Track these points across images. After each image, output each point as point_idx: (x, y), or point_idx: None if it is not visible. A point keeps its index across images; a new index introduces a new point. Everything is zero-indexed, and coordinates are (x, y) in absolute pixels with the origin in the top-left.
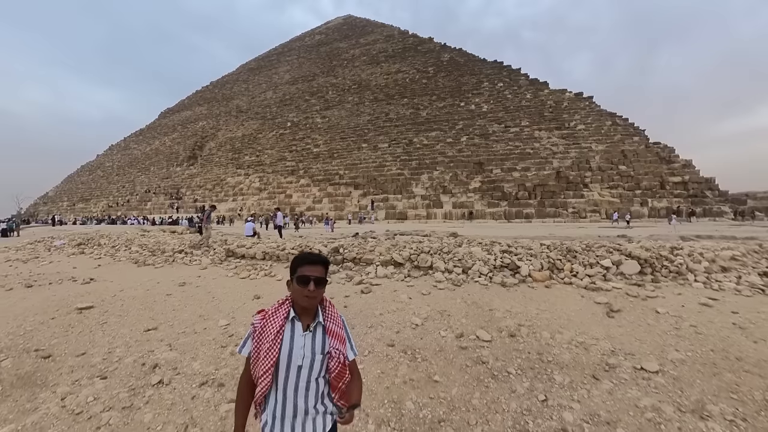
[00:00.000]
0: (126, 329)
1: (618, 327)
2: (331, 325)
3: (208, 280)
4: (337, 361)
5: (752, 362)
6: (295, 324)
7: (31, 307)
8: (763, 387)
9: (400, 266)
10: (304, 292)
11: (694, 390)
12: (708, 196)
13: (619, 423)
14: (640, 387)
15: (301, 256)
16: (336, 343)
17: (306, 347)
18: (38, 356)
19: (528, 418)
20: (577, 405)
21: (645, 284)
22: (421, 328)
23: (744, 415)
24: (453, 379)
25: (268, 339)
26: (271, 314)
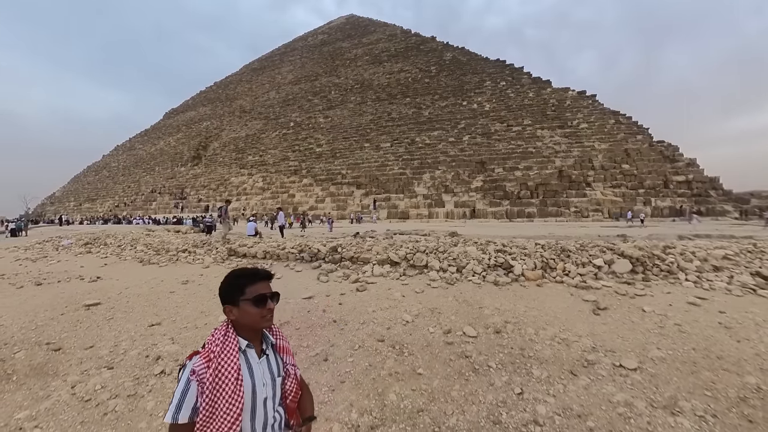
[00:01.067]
0: (131, 324)
1: (602, 324)
2: (280, 342)
3: (209, 278)
4: (294, 379)
5: (732, 361)
6: (248, 353)
7: (42, 303)
8: (739, 385)
9: (396, 265)
10: (263, 312)
11: (669, 387)
12: (712, 196)
13: (590, 416)
14: (616, 383)
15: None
16: (289, 359)
17: (266, 375)
18: (49, 349)
19: (502, 409)
20: (551, 399)
21: (635, 283)
22: (411, 324)
23: (715, 412)
24: (436, 372)
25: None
26: (219, 354)
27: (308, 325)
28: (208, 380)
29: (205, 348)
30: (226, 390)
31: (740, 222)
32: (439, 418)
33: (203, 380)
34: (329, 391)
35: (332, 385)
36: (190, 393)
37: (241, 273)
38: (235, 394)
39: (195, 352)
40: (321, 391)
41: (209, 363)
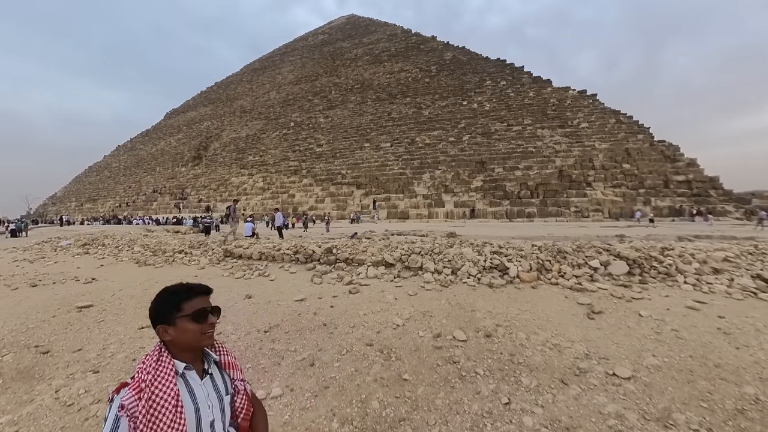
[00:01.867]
0: (121, 327)
1: (597, 329)
2: (224, 358)
3: (204, 280)
4: (244, 395)
5: (730, 369)
6: (187, 376)
7: (35, 305)
8: (737, 396)
9: (390, 267)
10: (205, 329)
11: (663, 398)
12: (712, 195)
13: (578, 429)
14: (609, 393)
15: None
16: (236, 374)
17: (210, 397)
18: (38, 351)
19: (487, 420)
20: (539, 410)
21: (632, 285)
22: (402, 328)
23: (710, 425)
24: (422, 379)
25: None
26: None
27: (297, 329)
28: (141, 413)
29: (135, 378)
30: (164, 421)
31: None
32: (420, 429)
33: (134, 414)
34: (312, 397)
35: (315, 391)
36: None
37: (176, 289)
38: (175, 423)
39: (123, 383)
40: (304, 396)
41: (140, 394)
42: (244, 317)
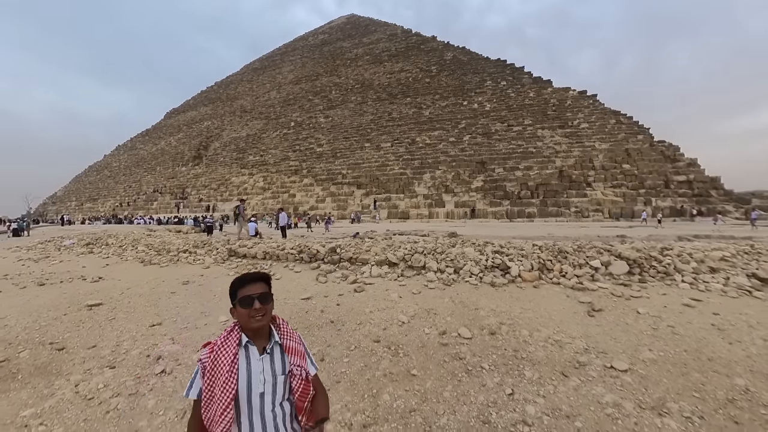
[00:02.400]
0: (132, 324)
1: (596, 326)
2: (288, 342)
3: (210, 279)
4: (300, 378)
5: (723, 363)
6: (249, 349)
7: (45, 304)
8: (728, 387)
9: (394, 266)
10: (251, 312)
11: (658, 388)
12: (713, 195)
13: (578, 417)
14: (606, 384)
15: (239, 279)
16: (296, 360)
17: (266, 371)
18: (53, 348)
19: (492, 409)
20: (541, 399)
21: (632, 284)
22: (407, 325)
23: (702, 413)
24: (429, 373)
25: (223, 373)
26: (220, 345)
27: (306, 326)
28: (208, 366)
29: (213, 341)
30: (219, 376)
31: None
32: (430, 418)
33: (205, 366)
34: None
35: (328, 386)
36: (198, 376)
37: (237, 278)
38: (228, 381)
39: (206, 343)
40: None
41: (211, 353)
42: None
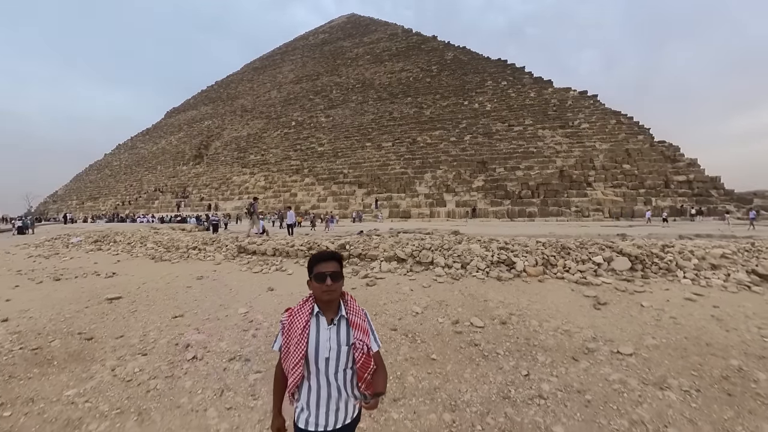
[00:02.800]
0: (155, 316)
1: (602, 318)
2: (353, 318)
3: (223, 274)
4: (361, 352)
5: (720, 347)
6: (319, 319)
7: (65, 297)
8: (723, 366)
9: (402, 262)
10: (322, 288)
11: (660, 368)
12: (713, 195)
13: (588, 392)
14: (613, 366)
15: (316, 255)
16: (359, 335)
17: (331, 339)
18: (82, 338)
19: (510, 387)
20: (554, 379)
21: (635, 280)
22: (421, 315)
23: (699, 387)
24: (448, 358)
25: (296, 335)
26: (296, 312)
27: None
28: (285, 327)
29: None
30: (293, 337)
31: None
32: (454, 395)
33: (284, 326)
34: None
35: None
36: (280, 333)
37: (314, 255)
38: (299, 342)
39: (288, 308)
40: None
41: (290, 317)
42: (270, 307)
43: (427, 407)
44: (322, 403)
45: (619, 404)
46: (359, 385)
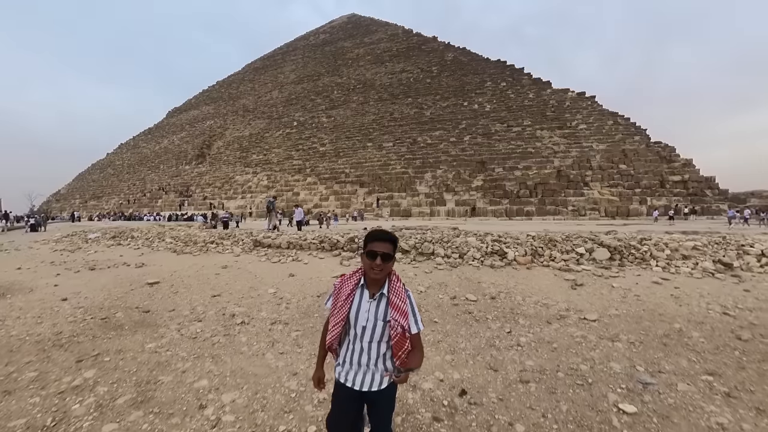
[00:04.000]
0: (196, 295)
1: (577, 295)
2: (394, 298)
3: (245, 264)
4: (396, 331)
5: (669, 316)
6: (363, 291)
7: (107, 282)
8: (667, 328)
9: (406, 253)
10: (372, 265)
11: (616, 329)
12: (708, 195)
13: (555, 342)
14: (579, 327)
15: (372, 233)
16: (396, 315)
17: (370, 312)
18: (140, 311)
19: (496, 340)
20: (530, 334)
21: (611, 267)
22: (425, 293)
23: (642, 341)
24: (447, 321)
25: (341, 298)
26: (347, 279)
27: None
28: (336, 290)
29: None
30: (339, 300)
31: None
32: (453, 344)
33: (335, 288)
34: None
35: None
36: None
37: (370, 231)
38: (342, 306)
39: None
40: None
41: (341, 282)
42: (295, 288)
43: (433, 352)
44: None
45: (577, 350)
46: (394, 360)
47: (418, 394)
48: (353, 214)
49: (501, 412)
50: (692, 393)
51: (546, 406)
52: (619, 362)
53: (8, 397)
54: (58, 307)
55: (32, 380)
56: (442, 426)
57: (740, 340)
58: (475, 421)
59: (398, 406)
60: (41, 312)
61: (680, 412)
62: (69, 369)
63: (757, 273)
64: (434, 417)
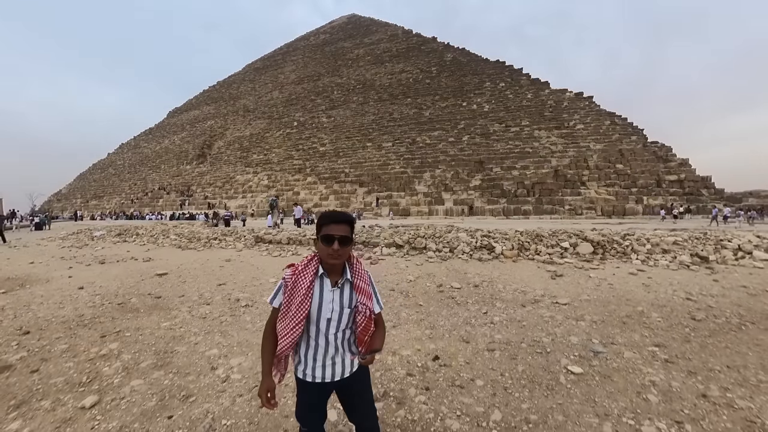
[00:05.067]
0: (203, 284)
1: (555, 284)
2: (358, 282)
3: (247, 258)
4: (363, 315)
5: (635, 301)
6: (323, 280)
7: (119, 274)
8: (630, 311)
9: (400, 247)
10: (329, 251)
11: (583, 311)
12: (703, 194)
13: (524, 320)
14: (549, 309)
15: (326, 215)
16: (363, 299)
17: (334, 302)
18: (152, 297)
19: (472, 318)
20: (504, 315)
21: (593, 260)
22: (414, 282)
23: (604, 320)
24: (431, 304)
25: (300, 294)
26: (300, 270)
27: None
28: (290, 284)
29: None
30: (297, 296)
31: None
32: (433, 322)
33: (287, 284)
34: None
35: None
36: (281, 290)
37: (325, 213)
38: (303, 303)
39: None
40: None
41: (293, 275)
42: None
43: (415, 328)
44: (318, 358)
45: (543, 326)
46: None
47: (397, 358)
48: (354, 213)
49: (466, 371)
50: (635, 359)
51: (505, 368)
52: (578, 336)
53: (46, 363)
54: (77, 294)
55: (64, 351)
56: (413, 379)
57: (694, 320)
58: (442, 377)
59: (377, 365)
60: (61, 299)
61: (621, 374)
62: (95, 342)
63: (731, 265)
64: (408, 373)
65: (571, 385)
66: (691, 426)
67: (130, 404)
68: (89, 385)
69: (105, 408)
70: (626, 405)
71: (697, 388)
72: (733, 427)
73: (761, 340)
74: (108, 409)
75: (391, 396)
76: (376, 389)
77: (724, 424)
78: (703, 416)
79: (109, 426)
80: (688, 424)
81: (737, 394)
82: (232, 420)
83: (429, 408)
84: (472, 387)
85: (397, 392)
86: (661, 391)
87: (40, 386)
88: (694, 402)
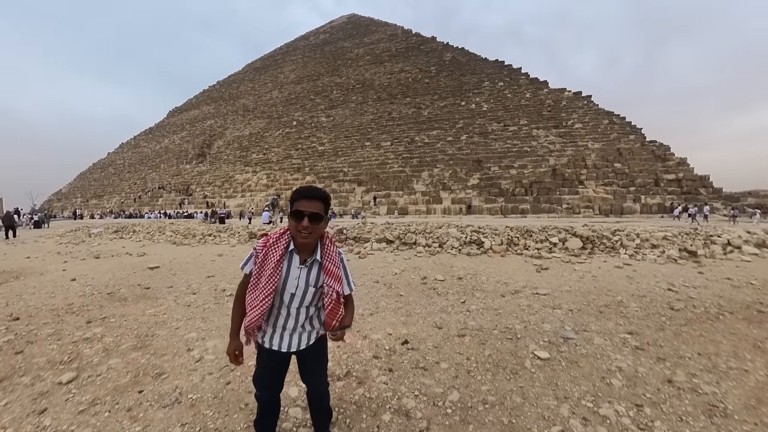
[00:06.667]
0: (192, 276)
1: (539, 277)
2: (327, 264)
3: (239, 252)
4: (330, 298)
5: (616, 292)
6: (293, 256)
7: (112, 267)
8: (608, 300)
9: (391, 243)
10: (298, 227)
11: (562, 301)
12: (702, 194)
13: (501, 309)
14: (528, 299)
15: (299, 190)
16: (330, 281)
17: (300, 279)
18: (141, 288)
19: (449, 307)
20: (481, 304)
21: (581, 255)
22: (399, 275)
23: (581, 309)
24: (411, 294)
25: (269, 268)
26: (272, 244)
27: None
28: (260, 256)
29: (268, 236)
30: (267, 269)
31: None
32: (410, 310)
33: (258, 254)
34: None
35: None
36: (252, 259)
37: (299, 188)
38: (272, 276)
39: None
40: None
41: (265, 246)
42: None
43: (391, 315)
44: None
45: (518, 315)
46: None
47: (367, 342)
48: (352, 212)
49: (432, 354)
50: (605, 346)
51: (472, 352)
52: (551, 324)
53: (31, 345)
54: (68, 285)
55: (50, 335)
56: (378, 361)
57: (672, 309)
58: (407, 360)
59: (345, 348)
60: (53, 289)
61: (588, 359)
62: (80, 327)
63: (719, 260)
64: (374, 355)
65: (536, 370)
66: (650, 409)
67: (105, 380)
68: (69, 364)
69: (81, 383)
70: (588, 389)
71: (664, 374)
72: (694, 410)
73: (737, 329)
74: (84, 384)
75: (354, 376)
76: (340, 369)
77: (686, 407)
78: (665, 400)
79: (83, 399)
80: (648, 407)
81: (704, 380)
82: (198, 394)
83: (388, 387)
84: (436, 369)
85: (360, 372)
86: (626, 376)
87: (23, 365)
88: (657, 387)
